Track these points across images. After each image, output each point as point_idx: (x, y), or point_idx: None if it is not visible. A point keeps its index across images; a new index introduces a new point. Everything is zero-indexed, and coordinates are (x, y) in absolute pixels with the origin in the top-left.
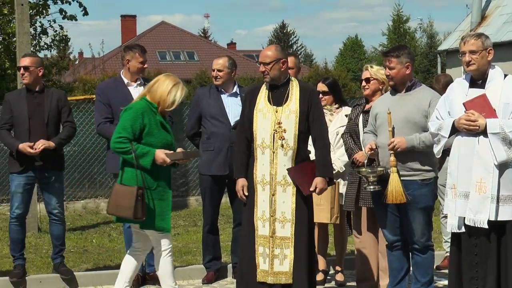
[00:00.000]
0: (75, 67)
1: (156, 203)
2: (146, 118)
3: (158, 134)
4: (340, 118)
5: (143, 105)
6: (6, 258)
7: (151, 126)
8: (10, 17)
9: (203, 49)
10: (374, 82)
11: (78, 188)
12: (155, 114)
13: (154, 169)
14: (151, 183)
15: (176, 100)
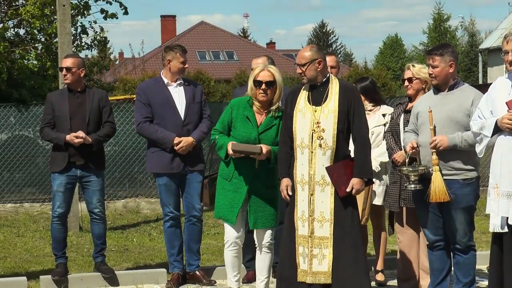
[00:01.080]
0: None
1: (228, 194)
2: (234, 112)
3: (240, 128)
4: (377, 117)
5: (237, 100)
6: (48, 256)
7: (236, 120)
8: (52, 18)
9: (243, 48)
10: (416, 82)
11: (119, 187)
12: (246, 108)
13: (234, 161)
14: (227, 175)
15: (251, 81)
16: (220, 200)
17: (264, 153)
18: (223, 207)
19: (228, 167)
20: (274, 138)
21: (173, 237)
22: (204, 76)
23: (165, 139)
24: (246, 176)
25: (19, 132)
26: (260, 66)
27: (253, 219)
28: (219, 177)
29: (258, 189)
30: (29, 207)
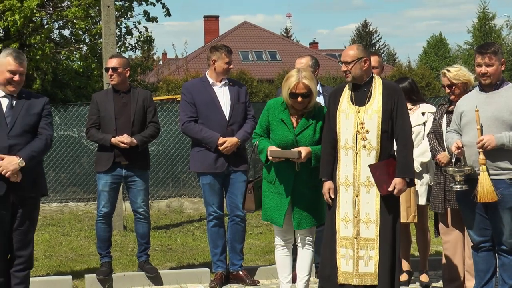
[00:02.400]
0: (159, 67)
1: (274, 197)
2: (270, 115)
3: (276, 131)
4: (416, 116)
5: (272, 102)
6: (93, 255)
7: (273, 123)
8: (96, 19)
9: (285, 48)
10: (457, 86)
11: (162, 187)
12: (281, 111)
13: (275, 164)
14: (270, 178)
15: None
16: (267, 202)
17: (304, 156)
18: (271, 210)
19: (270, 171)
20: (312, 138)
21: (217, 237)
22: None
23: (210, 139)
24: (288, 179)
25: (64, 132)
26: (294, 77)
27: (297, 219)
28: (264, 180)
29: (300, 190)
30: (74, 207)
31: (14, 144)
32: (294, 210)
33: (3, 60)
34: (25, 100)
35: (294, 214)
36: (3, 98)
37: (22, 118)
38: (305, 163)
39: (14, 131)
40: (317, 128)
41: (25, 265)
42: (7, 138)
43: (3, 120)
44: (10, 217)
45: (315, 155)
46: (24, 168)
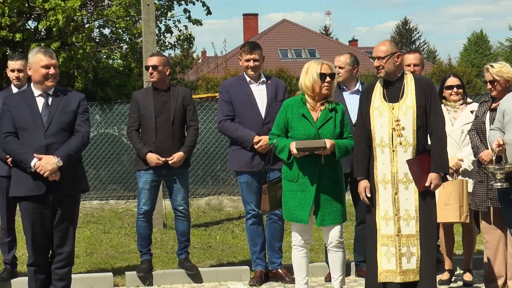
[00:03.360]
0: (198, 65)
1: (297, 195)
2: (289, 113)
3: (297, 127)
4: (465, 115)
5: (289, 101)
6: (133, 253)
7: (292, 120)
8: (136, 18)
9: (325, 46)
10: (499, 83)
11: (202, 185)
12: (300, 107)
13: (298, 160)
14: (292, 176)
15: (313, 77)
16: (289, 202)
17: (329, 148)
18: (294, 209)
19: (292, 168)
20: (333, 131)
21: (256, 235)
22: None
23: (245, 138)
24: (312, 174)
25: (105, 130)
26: (315, 61)
27: (320, 216)
28: (283, 180)
29: (325, 185)
30: (114, 204)
31: (51, 143)
32: (317, 207)
33: (34, 59)
34: (60, 97)
35: (316, 210)
36: (38, 97)
37: (58, 116)
38: (327, 157)
39: (50, 130)
40: (337, 122)
41: (65, 262)
42: (44, 138)
43: (40, 120)
44: (51, 215)
45: (338, 148)
46: (62, 166)
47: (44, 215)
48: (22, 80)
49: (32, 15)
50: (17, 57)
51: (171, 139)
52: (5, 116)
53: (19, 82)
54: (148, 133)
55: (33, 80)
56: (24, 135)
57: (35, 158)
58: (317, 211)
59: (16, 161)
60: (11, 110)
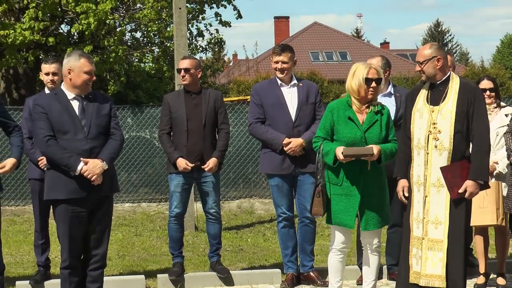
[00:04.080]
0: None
1: (342, 199)
2: (335, 115)
3: (343, 130)
4: (500, 117)
5: (335, 103)
6: (165, 256)
7: (338, 123)
8: (168, 21)
9: (356, 49)
10: None
11: (233, 188)
12: (346, 109)
13: (342, 165)
14: (336, 180)
15: (359, 81)
16: (335, 205)
17: (376, 154)
18: (340, 212)
19: (336, 172)
20: (379, 134)
21: (287, 238)
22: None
23: (275, 140)
24: (357, 179)
25: (136, 133)
26: (363, 64)
27: (364, 220)
28: (327, 183)
29: (369, 190)
30: (146, 207)
31: (93, 146)
32: (361, 211)
33: (77, 63)
34: (93, 101)
35: (361, 215)
36: (73, 101)
37: (95, 120)
38: (374, 162)
39: (91, 134)
40: (382, 125)
41: (100, 263)
42: (87, 141)
43: (79, 123)
44: (87, 217)
45: (384, 153)
46: (107, 170)
47: (82, 217)
48: (56, 83)
49: (64, 19)
50: (52, 61)
51: (203, 142)
52: (41, 118)
53: (53, 85)
54: (179, 136)
55: (73, 84)
56: (64, 139)
57: (81, 162)
58: (361, 215)
59: (59, 164)
60: (48, 113)
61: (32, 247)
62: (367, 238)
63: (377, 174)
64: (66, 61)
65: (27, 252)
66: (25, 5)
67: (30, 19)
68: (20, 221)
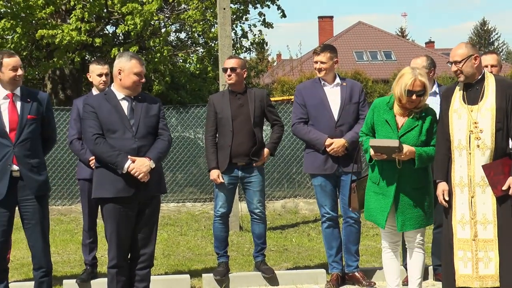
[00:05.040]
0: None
1: (378, 197)
2: (375, 115)
3: (380, 131)
4: None
5: (378, 101)
6: (210, 255)
7: (377, 123)
8: (212, 22)
9: (401, 48)
10: None
11: (278, 187)
12: (386, 111)
13: (379, 164)
14: (375, 178)
15: (400, 90)
16: (371, 203)
17: (405, 152)
18: (374, 210)
19: (374, 170)
20: (417, 139)
21: (331, 238)
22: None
23: (317, 140)
24: (392, 179)
25: (181, 134)
26: (410, 74)
27: (400, 221)
28: (368, 180)
29: (404, 191)
30: (191, 207)
31: (141, 145)
32: (398, 211)
33: (127, 64)
34: (142, 101)
35: (397, 215)
36: (122, 101)
37: (143, 120)
38: (408, 164)
39: (139, 133)
40: (423, 130)
41: (147, 263)
42: (135, 140)
43: (128, 123)
44: (135, 217)
45: (419, 156)
46: (154, 168)
47: (129, 217)
48: (107, 84)
49: (110, 20)
50: (104, 62)
51: (248, 142)
52: (90, 117)
53: (105, 86)
54: (225, 136)
55: (122, 84)
56: (112, 137)
57: (129, 160)
58: (398, 216)
59: (107, 163)
60: (97, 112)
61: (79, 246)
62: (409, 235)
63: (413, 177)
64: (117, 62)
65: (73, 251)
66: (72, 6)
67: (77, 20)
68: (67, 220)
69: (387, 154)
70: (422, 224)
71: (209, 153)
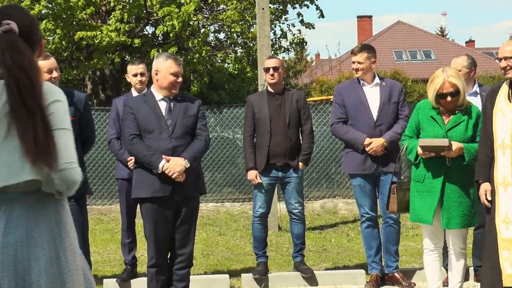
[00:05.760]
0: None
1: (423, 195)
2: (420, 114)
3: (427, 128)
4: None
5: (422, 102)
6: (249, 255)
7: (423, 122)
8: (251, 22)
9: (440, 47)
10: None
11: (316, 188)
12: (431, 109)
13: (425, 161)
14: (419, 176)
15: (432, 94)
16: (416, 202)
17: (454, 149)
18: (420, 209)
19: (419, 169)
20: (464, 134)
21: (371, 238)
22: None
23: (356, 140)
24: (438, 175)
25: (219, 134)
26: (439, 77)
27: (445, 218)
28: (412, 181)
29: (451, 188)
30: (229, 207)
31: (177, 145)
32: (443, 209)
33: (163, 64)
34: (181, 102)
35: (443, 212)
36: (160, 101)
37: (181, 120)
38: (456, 160)
39: (175, 133)
40: (469, 125)
41: (186, 263)
42: (170, 140)
43: (164, 123)
44: (173, 216)
45: (468, 152)
46: (187, 168)
47: (167, 216)
48: (144, 83)
49: (150, 21)
50: (138, 61)
51: (286, 142)
52: (128, 118)
53: (141, 86)
54: (263, 137)
55: (159, 85)
56: (149, 138)
57: (163, 160)
58: (443, 213)
59: (142, 162)
60: (135, 113)
61: (119, 245)
62: (452, 239)
63: (461, 173)
64: (154, 63)
65: (114, 250)
66: (112, 7)
67: (116, 21)
68: (107, 220)
69: (436, 152)
70: (466, 223)
71: (247, 153)
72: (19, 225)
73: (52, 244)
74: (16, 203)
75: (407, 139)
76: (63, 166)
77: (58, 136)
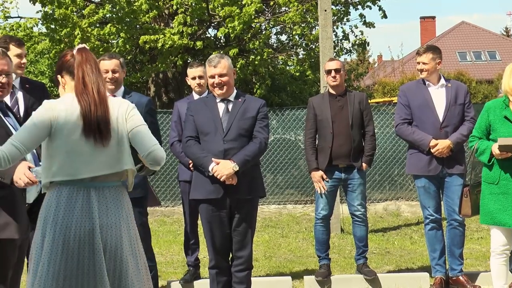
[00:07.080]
0: (375, 70)
1: (498, 197)
2: (491, 115)
3: (500, 129)
4: None
5: (491, 103)
6: (311, 257)
7: (495, 122)
8: (313, 24)
9: (506, 48)
10: None
11: (379, 190)
12: (502, 109)
13: (499, 162)
14: (493, 178)
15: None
16: (490, 205)
17: None
18: (496, 212)
19: (492, 170)
20: None
21: (434, 241)
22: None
23: (421, 141)
24: None
25: (281, 136)
26: None
27: None
28: (483, 183)
29: None
30: (292, 209)
31: (229, 148)
32: None
33: (205, 69)
34: (241, 103)
35: None
36: (219, 103)
37: (237, 122)
38: None
39: (229, 136)
40: None
41: (244, 265)
42: (223, 143)
43: (220, 125)
44: (228, 219)
45: None
46: (239, 171)
47: (222, 218)
48: (203, 86)
49: (212, 23)
50: (196, 64)
51: (349, 143)
52: (188, 120)
53: (200, 88)
54: (325, 139)
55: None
56: (204, 140)
57: (213, 162)
58: None
59: (196, 164)
60: (194, 115)
61: (181, 247)
62: None
63: None
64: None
65: (177, 252)
66: (174, 10)
67: (179, 24)
68: (170, 222)
69: None
70: None
71: (309, 155)
72: (110, 209)
73: (127, 228)
74: (107, 191)
75: (476, 140)
76: (151, 149)
77: (141, 130)
